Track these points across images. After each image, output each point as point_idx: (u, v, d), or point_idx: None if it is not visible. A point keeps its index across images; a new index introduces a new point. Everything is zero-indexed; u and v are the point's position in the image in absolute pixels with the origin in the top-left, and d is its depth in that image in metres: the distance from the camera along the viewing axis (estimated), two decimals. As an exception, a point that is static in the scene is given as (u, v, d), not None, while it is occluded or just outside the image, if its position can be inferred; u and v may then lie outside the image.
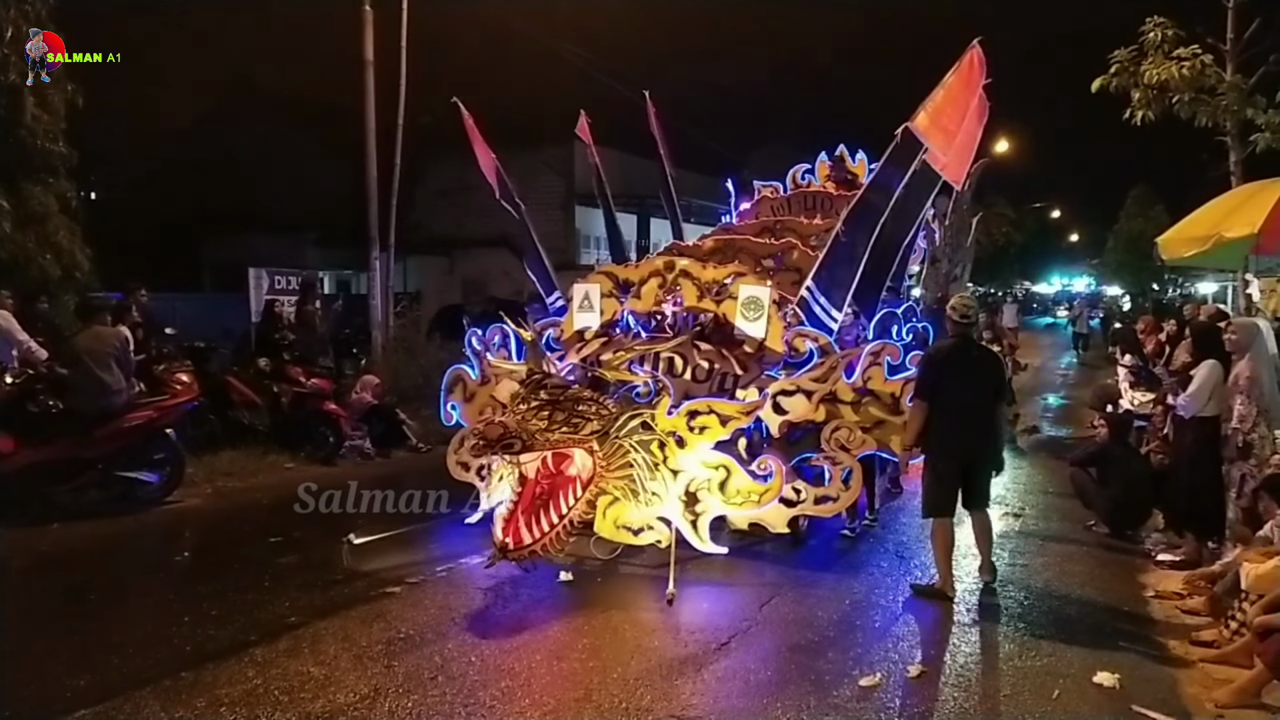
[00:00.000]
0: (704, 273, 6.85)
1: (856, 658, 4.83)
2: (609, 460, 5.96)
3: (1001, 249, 43.62)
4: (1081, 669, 4.68)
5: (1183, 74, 9.72)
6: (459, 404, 7.46)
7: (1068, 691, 4.44)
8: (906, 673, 4.63)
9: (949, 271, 11.32)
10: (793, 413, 6.37)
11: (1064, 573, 6.35)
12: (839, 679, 4.55)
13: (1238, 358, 5.96)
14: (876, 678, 4.55)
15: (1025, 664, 4.81)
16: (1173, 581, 6.05)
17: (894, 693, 4.43)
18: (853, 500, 6.36)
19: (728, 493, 6.15)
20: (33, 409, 7.62)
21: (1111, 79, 10.27)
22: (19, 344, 8.26)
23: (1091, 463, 7.72)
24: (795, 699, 4.31)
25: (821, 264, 7.01)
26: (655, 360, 6.67)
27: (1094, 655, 4.86)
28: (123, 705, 4.19)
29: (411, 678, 4.47)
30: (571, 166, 24.20)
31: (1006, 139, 33.44)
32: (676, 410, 6.14)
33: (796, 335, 6.59)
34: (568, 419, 5.71)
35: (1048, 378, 20.67)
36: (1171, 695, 4.42)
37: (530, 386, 5.80)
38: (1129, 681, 4.52)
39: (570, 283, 7.87)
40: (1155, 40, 9.94)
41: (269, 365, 10.71)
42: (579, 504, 5.79)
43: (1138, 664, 4.78)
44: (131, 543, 7.24)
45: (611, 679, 4.49)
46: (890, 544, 7.06)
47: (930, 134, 6.65)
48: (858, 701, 4.32)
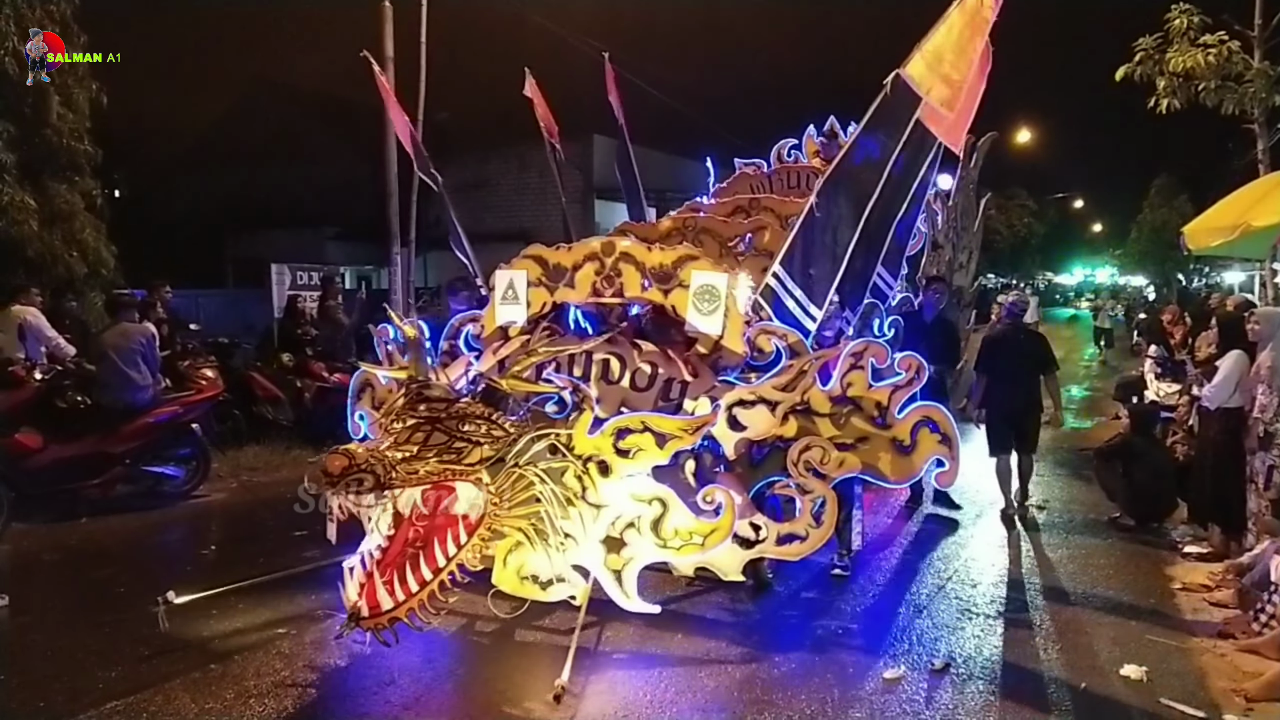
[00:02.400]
0: (649, 256, 5.50)
1: (881, 651, 4.83)
2: (505, 494, 4.57)
3: (1023, 240, 43.29)
4: (1108, 662, 4.66)
5: (1208, 61, 9.60)
6: (367, 413, 5.92)
7: (1094, 684, 4.42)
8: (930, 666, 4.63)
9: (953, 259, 10.49)
10: (753, 428, 5.12)
11: (1089, 565, 6.30)
12: (862, 673, 4.55)
13: (1261, 347, 5.92)
14: (900, 670, 4.55)
15: (1051, 657, 4.79)
16: (1200, 574, 5.99)
17: (918, 686, 4.42)
18: (825, 538, 5.07)
19: (663, 533, 4.82)
20: (61, 405, 7.73)
21: (1136, 67, 10.15)
22: (47, 340, 8.36)
23: (1116, 455, 7.65)
24: None
25: (792, 245, 5.78)
26: (587, 364, 5.44)
27: (1121, 648, 4.83)
28: (153, 697, 4.26)
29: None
30: (591, 161, 24.21)
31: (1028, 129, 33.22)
32: (600, 428, 4.82)
33: (760, 332, 5.35)
34: (449, 443, 4.41)
35: (1071, 369, 20.49)
36: (1200, 688, 4.38)
37: (407, 400, 4.51)
38: (1156, 674, 4.49)
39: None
40: (1180, 27, 9.81)
41: (292, 360, 10.80)
42: (463, 552, 4.39)
43: (1165, 657, 4.74)
44: (158, 537, 7.33)
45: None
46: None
47: (928, 84, 5.39)
48: (882, 695, 4.32)
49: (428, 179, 8.46)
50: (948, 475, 5.15)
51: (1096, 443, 8.52)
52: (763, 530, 5.09)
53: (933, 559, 6.41)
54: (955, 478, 5.19)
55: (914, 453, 5.06)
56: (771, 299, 5.72)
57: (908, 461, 5.09)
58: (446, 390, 4.69)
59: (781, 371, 5.18)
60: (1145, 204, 38.29)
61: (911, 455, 5.07)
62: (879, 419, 5.12)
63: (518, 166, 22.95)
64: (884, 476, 5.19)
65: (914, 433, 5.07)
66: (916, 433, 5.07)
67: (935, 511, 7.74)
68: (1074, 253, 63.48)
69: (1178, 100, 10.09)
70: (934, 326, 7.85)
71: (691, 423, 4.87)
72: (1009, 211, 41.02)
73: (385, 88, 8.12)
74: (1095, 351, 24.43)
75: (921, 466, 5.10)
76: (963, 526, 7.38)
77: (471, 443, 4.48)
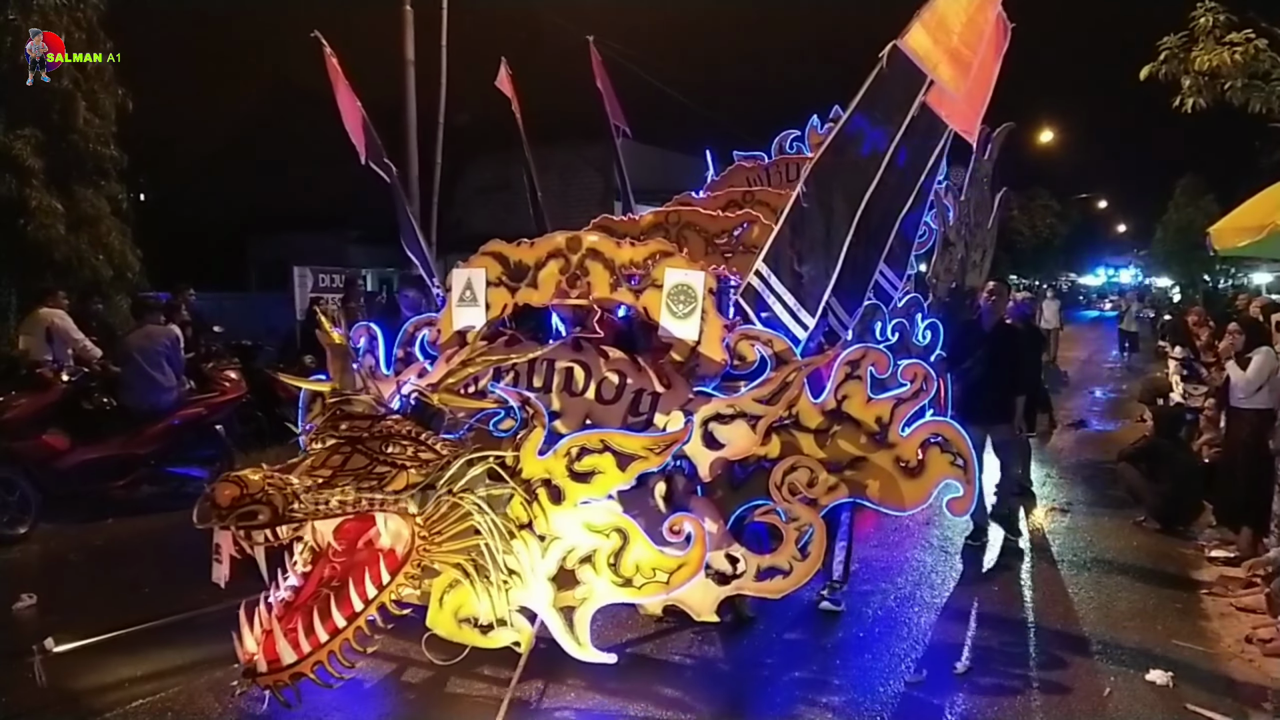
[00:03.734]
0: (619, 252, 4.91)
1: (903, 654, 4.80)
2: (436, 526, 4.00)
3: (1046, 240, 42.95)
4: (1133, 666, 4.61)
5: (1235, 59, 9.47)
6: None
7: (1119, 690, 4.37)
8: (953, 669, 4.60)
9: (966, 258, 9.89)
10: (731, 446, 4.51)
11: (1114, 569, 6.24)
12: (885, 678, 4.52)
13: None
14: (922, 674, 4.53)
15: (1076, 660, 4.74)
16: (1227, 577, 5.92)
17: (940, 690, 4.40)
18: (811, 573, 4.50)
19: (622, 569, 4.25)
20: (87, 406, 7.82)
21: (1160, 66, 10.03)
22: (74, 343, 8.45)
23: (1140, 457, 7.59)
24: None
25: (778, 240, 5.10)
26: (549, 374, 4.82)
27: (1146, 653, 4.78)
28: (177, 696, 4.32)
29: None
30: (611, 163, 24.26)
31: (1051, 129, 32.99)
32: (553, 449, 4.29)
33: (742, 337, 4.71)
34: (369, 467, 3.83)
35: (1095, 371, 20.31)
36: (1227, 694, 4.34)
37: (326, 417, 4.02)
38: (1183, 680, 4.44)
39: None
40: (1206, 25, 9.69)
41: (314, 363, 10.87)
42: (385, 593, 3.86)
43: (1192, 662, 4.69)
44: (183, 538, 7.32)
45: None
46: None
47: (933, 59, 4.71)
48: (903, 698, 4.30)
49: (379, 169, 7.65)
50: (962, 502, 4.52)
51: (1121, 445, 8.43)
52: (740, 563, 4.50)
53: (942, 576, 6.34)
54: (971, 505, 4.59)
55: (922, 475, 4.50)
56: (754, 300, 5.08)
57: (915, 485, 4.51)
58: (372, 405, 4.09)
59: (764, 382, 4.53)
60: (1170, 204, 37.90)
61: (919, 478, 4.50)
62: (879, 436, 4.55)
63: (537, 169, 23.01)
64: (886, 502, 4.56)
65: (921, 452, 4.51)
66: (925, 452, 4.50)
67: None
68: (1097, 253, 62.98)
69: (1203, 99, 9.97)
70: (997, 337, 6.72)
71: (659, 441, 4.27)
72: (1032, 212, 40.70)
73: (335, 69, 7.51)
74: (1117, 355, 23.73)
75: (930, 491, 4.51)
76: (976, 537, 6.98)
77: (395, 466, 3.88)
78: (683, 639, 5.00)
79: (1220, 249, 8.47)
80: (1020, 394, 6.79)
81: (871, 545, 6.58)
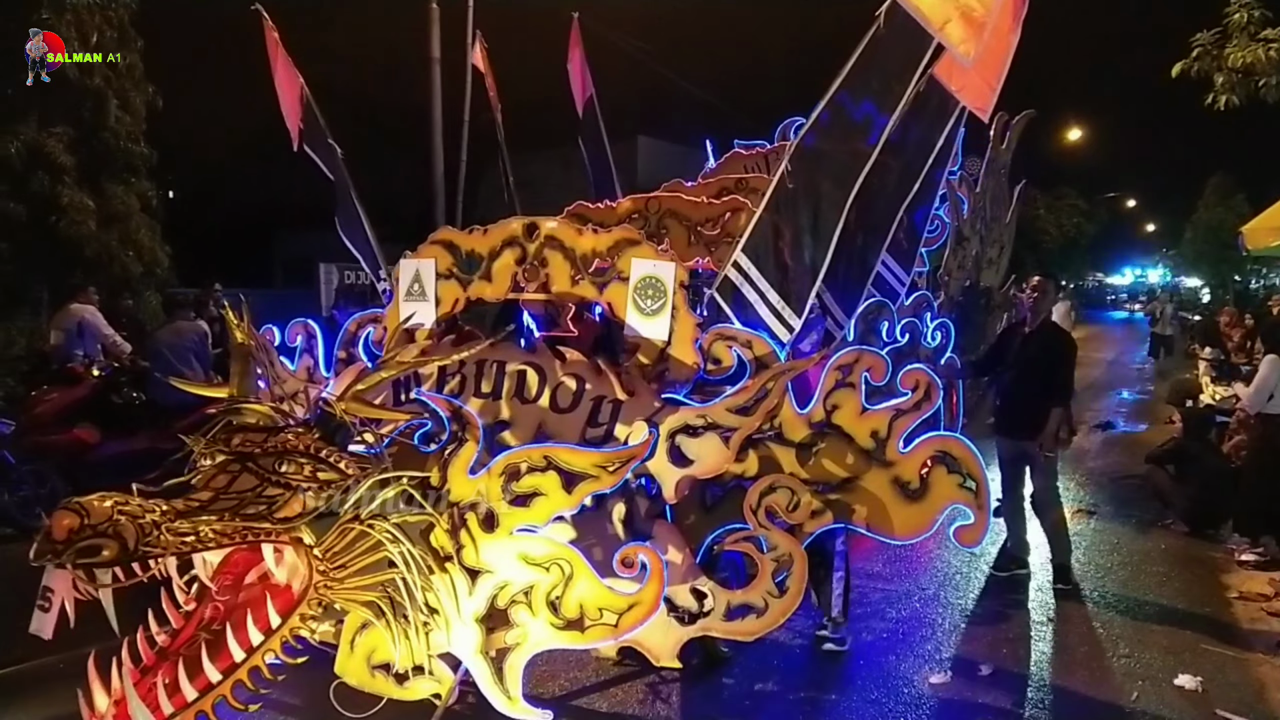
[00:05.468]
0: (580, 240, 4.30)
1: (927, 655, 4.77)
2: (340, 558, 3.41)
3: (1072, 240, 42.54)
4: (1162, 671, 4.57)
5: (1270, 56, 9.34)
6: None
7: (1146, 694, 4.33)
8: (979, 671, 4.57)
9: (981, 254, 9.21)
10: (700, 464, 3.89)
11: (1141, 572, 6.17)
12: (909, 678, 4.50)
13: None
14: (947, 676, 4.49)
15: (1103, 665, 4.69)
16: (1257, 582, 5.85)
17: (965, 691, 4.37)
18: (788, 611, 3.86)
19: (564, 609, 3.69)
20: (116, 401, 7.91)
21: (1193, 63, 9.92)
22: (105, 338, 8.57)
23: (1169, 460, 7.51)
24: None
25: (759, 227, 4.54)
26: (499, 378, 4.22)
27: (1174, 657, 4.73)
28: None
29: None
30: (635, 161, 24.26)
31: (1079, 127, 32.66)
32: (487, 468, 3.73)
33: (716, 338, 4.15)
34: (258, 489, 3.26)
35: (1122, 372, 20.10)
36: (1257, 700, 4.28)
37: (217, 431, 3.45)
38: (1211, 685, 4.39)
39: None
40: (1240, 22, 9.58)
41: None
42: (274, 639, 3.26)
43: (1221, 667, 4.63)
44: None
45: None
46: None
47: (940, 17, 4.01)
48: (929, 699, 4.27)
49: (314, 153, 6.90)
50: (972, 532, 3.92)
51: (1149, 447, 8.35)
52: (708, 599, 3.90)
53: (966, 577, 6.29)
54: (983, 535, 3.95)
55: (925, 499, 3.94)
56: (732, 295, 4.51)
57: (916, 511, 3.95)
58: (269, 416, 3.54)
59: (740, 390, 3.93)
60: (1200, 203, 37.50)
61: (921, 502, 3.94)
62: (875, 453, 3.99)
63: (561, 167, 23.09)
64: (882, 529, 3.99)
65: (925, 472, 3.96)
66: (928, 472, 3.96)
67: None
68: (1125, 253, 62.36)
69: (1236, 96, 9.85)
70: (1039, 339, 5.92)
71: (612, 457, 3.67)
72: (1059, 211, 40.33)
73: (274, 43, 6.94)
74: (1145, 357, 22.94)
75: (935, 518, 3.93)
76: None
77: (289, 489, 3.30)
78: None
79: (1253, 249, 8.35)
80: (1057, 405, 5.77)
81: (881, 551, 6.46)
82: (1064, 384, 5.85)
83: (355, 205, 6.61)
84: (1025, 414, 5.82)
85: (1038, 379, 5.78)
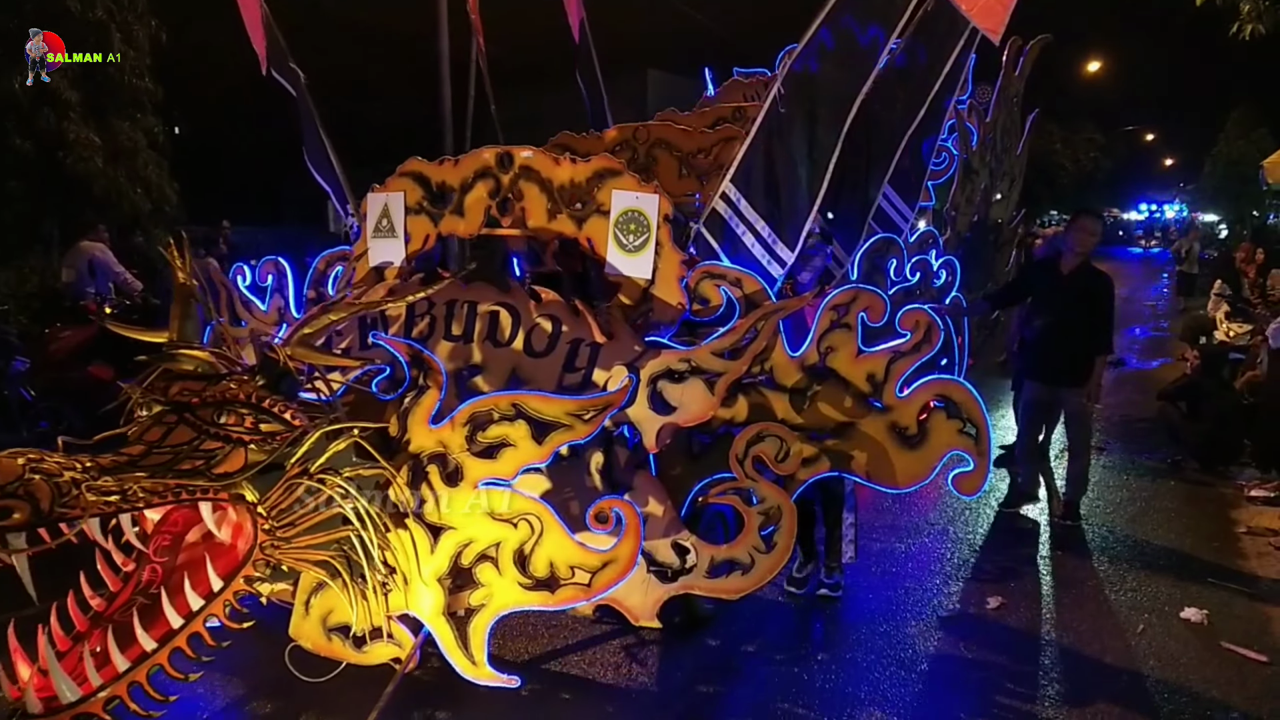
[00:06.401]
0: (556, 171, 4.01)
1: (935, 590, 4.83)
2: (287, 515, 3.16)
3: (1089, 175, 41.92)
4: (1169, 604, 4.62)
5: (1299, -18, 9.09)
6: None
7: (1153, 627, 4.38)
8: (986, 605, 4.62)
9: (990, 188, 8.73)
10: (683, 411, 3.68)
11: (1151, 508, 6.20)
12: (919, 611, 4.57)
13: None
14: (956, 609, 4.56)
15: (1110, 598, 4.75)
16: (1266, 518, 5.88)
17: (972, 625, 4.43)
18: (776, 568, 3.69)
19: (533, 567, 3.47)
20: (129, 339, 7.96)
21: (1218, -10, 9.64)
22: (116, 276, 8.59)
23: (1181, 396, 7.49)
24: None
25: (749, 154, 4.17)
26: (470, 320, 3.93)
27: (1182, 591, 4.78)
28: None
29: None
30: (645, 95, 23.88)
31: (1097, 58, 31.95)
32: (449, 417, 3.49)
33: (704, 276, 3.90)
34: (195, 442, 2.99)
35: (1135, 309, 19.97)
36: (1263, 632, 4.33)
37: (155, 379, 3.17)
38: (1218, 618, 4.44)
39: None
40: (1269, -53, 9.28)
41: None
42: (216, 603, 3.03)
43: (1228, 600, 4.68)
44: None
45: None
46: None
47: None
48: (935, 631, 4.34)
49: (281, 77, 6.38)
50: (971, 480, 3.75)
51: (1161, 384, 8.33)
52: (691, 556, 3.69)
53: (973, 510, 6.33)
54: (983, 483, 3.77)
55: (923, 446, 3.75)
56: (721, 230, 4.17)
57: (914, 458, 3.76)
58: (209, 362, 3.24)
59: (727, 332, 3.70)
60: (1221, 136, 36.79)
61: (920, 449, 3.76)
62: (871, 397, 3.78)
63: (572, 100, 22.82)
64: (878, 478, 3.79)
65: (923, 418, 3.77)
66: (927, 418, 3.76)
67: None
68: (1142, 188, 61.46)
69: (1263, 25, 9.59)
70: (1079, 282, 5.61)
71: (587, 405, 3.41)
72: (1075, 146, 39.66)
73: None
74: (1160, 292, 22.54)
75: (934, 465, 3.76)
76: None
77: (229, 442, 3.02)
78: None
79: (1274, 183, 8.21)
80: (1102, 353, 5.59)
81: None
82: (1107, 330, 5.60)
83: (320, 134, 6.11)
84: (1065, 360, 5.60)
85: (1079, 324, 5.50)
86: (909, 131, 4.99)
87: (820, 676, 3.91)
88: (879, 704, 3.70)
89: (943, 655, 4.11)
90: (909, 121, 4.96)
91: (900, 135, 4.92)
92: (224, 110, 26.59)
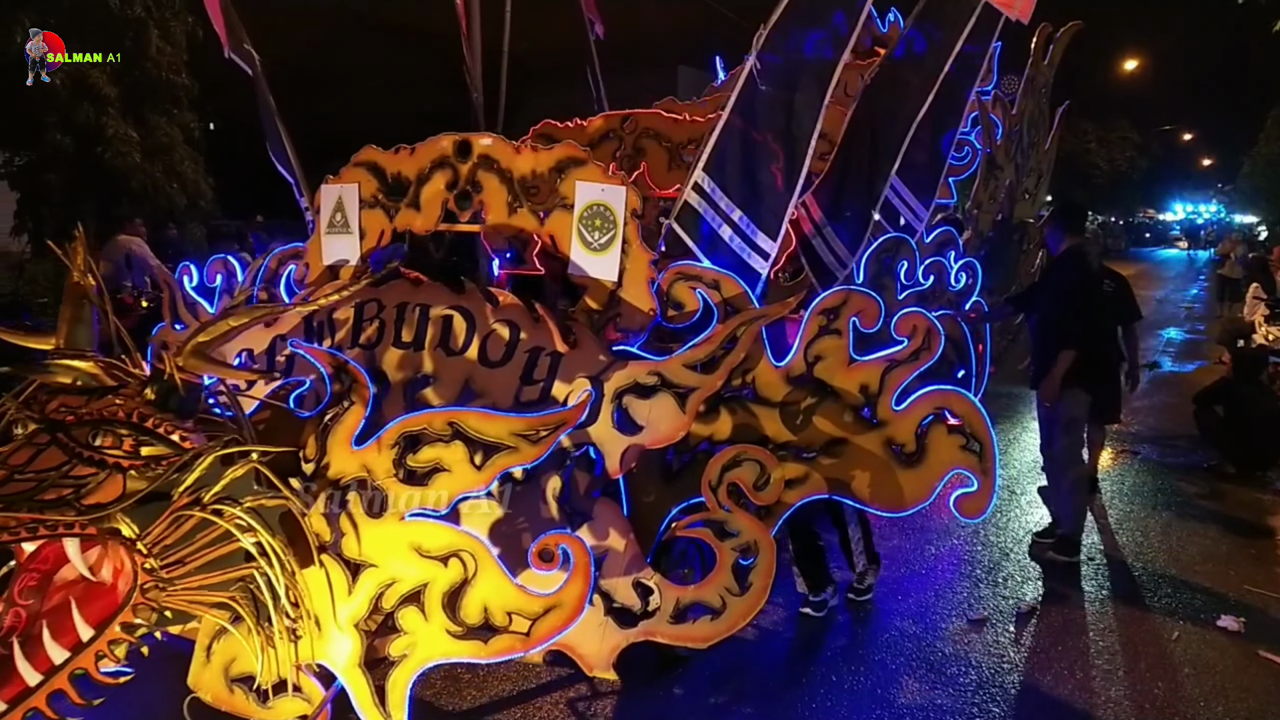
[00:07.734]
0: (517, 160, 3.58)
1: (966, 593, 4.79)
2: (174, 552, 2.67)
3: (1124, 175, 41.37)
4: (1204, 611, 4.55)
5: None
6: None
7: (1188, 634, 4.32)
8: (1018, 609, 4.58)
9: (1016, 185, 8.30)
10: (651, 430, 3.24)
11: (1186, 513, 6.11)
12: (947, 616, 4.54)
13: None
14: (987, 612, 4.52)
15: (1144, 604, 4.69)
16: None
17: (1004, 628, 4.39)
18: (751, 612, 3.19)
19: (464, 612, 2.99)
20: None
21: (1262, -13, 9.48)
22: (152, 269, 8.70)
23: (1218, 400, 7.38)
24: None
25: (724, 138, 3.74)
26: (421, 325, 3.47)
27: (1217, 597, 4.72)
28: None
29: None
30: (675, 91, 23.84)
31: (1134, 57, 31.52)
32: (375, 437, 3.01)
33: (677, 278, 3.44)
34: (65, 467, 2.53)
35: (1171, 310, 19.69)
36: (1301, 642, 4.26)
37: (34, 392, 2.69)
38: (1254, 626, 4.37)
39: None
40: (1314, -57, 9.13)
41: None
42: (84, 656, 2.53)
43: (1265, 607, 4.61)
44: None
45: None
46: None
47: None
48: (967, 635, 4.30)
49: (239, 59, 6.05)
50: (975, 501, 3.40)
51: (1197, 387, 8.20)
52: (654, 597, 3.22)
53: (1000, 532, 6.26)
54: (988, 503, 3.41)
55: (923, 464, 3.39)
56: (695, 225, 3.71)
57: (913, 477, 3.40)
58: (96, 375, 2.73)
59: (702, 341, 3.25)
60: (1260, 135, 36.16)
61: (919, 467, 3.39)
62: (865, 411, 3.42)
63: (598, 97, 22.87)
64: (875, 500, 3.43)
65: (922, 433, 3.40)
66: (926, 433, 3.40)
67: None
68: (1179, 189, 60.56)
69: (1306, 22, 9.42)
70: (1050, 275, 5.46)
71: (535, 423, 2.95)
72: (1110, 144, 39.15)
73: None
74: (1195, 295, 22.16)
75: (935, 485, 3.40)
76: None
77: (104, 468, 2.56)
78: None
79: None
80: (1066, 347, 5.07)
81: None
82: (1068, 323, 5.06)
83: (275, 119, 5.74)
84: (1038, 360, 5.29)
85: (1048, 320, 5.22)
86: (918, 118, 4.55)
87: (850, 679, 3.89)
88: (909, 708, 3.68)
89: (973, 659, 4.08)
90: (917, 108, 4.52)
91: (908, 123, 4.50)
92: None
